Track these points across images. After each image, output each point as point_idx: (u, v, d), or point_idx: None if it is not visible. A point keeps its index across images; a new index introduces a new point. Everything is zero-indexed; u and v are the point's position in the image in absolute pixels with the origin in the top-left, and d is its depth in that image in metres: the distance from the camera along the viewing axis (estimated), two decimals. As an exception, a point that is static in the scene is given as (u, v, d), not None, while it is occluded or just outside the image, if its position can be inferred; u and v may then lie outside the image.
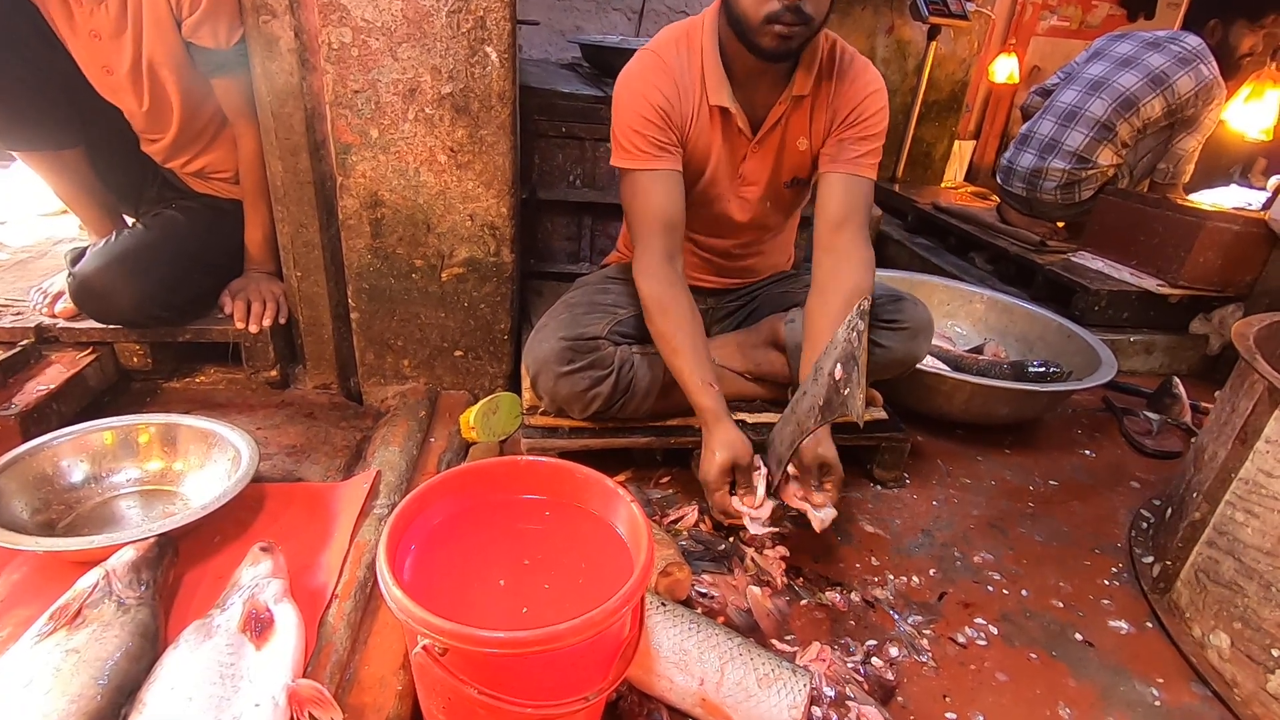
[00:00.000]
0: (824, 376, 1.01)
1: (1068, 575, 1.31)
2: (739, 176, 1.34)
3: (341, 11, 1.21)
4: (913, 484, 1.54)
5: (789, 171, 1.36)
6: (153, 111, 1.39)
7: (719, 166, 1.32)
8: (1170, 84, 2.27)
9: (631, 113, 1.22)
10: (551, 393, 1.30)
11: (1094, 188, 2.47)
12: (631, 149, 1.23)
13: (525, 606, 0.82)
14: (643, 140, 1.22)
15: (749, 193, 1.36)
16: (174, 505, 1.14)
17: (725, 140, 1.30)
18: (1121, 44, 2.47)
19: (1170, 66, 2.28)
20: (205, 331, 1.47)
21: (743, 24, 1.14)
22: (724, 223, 1.41)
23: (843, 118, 1.29)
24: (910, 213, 3.11)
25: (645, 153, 1.22)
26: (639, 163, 1.22)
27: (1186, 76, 2.25)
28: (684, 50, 1.25)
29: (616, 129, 1.25)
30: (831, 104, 1.29)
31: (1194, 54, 2.27)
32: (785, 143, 1.32)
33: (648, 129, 1.22)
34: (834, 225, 1.29)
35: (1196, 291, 2.19)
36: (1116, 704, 1.05)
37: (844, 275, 1.26)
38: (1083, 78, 2.49)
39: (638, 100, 1.22)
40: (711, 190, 1.35)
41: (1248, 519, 1.08)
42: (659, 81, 1.23)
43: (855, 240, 1.29)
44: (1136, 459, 1.76)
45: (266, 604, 0.86)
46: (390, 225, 1.39)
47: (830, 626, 1.14)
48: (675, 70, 1.24)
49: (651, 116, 1.22)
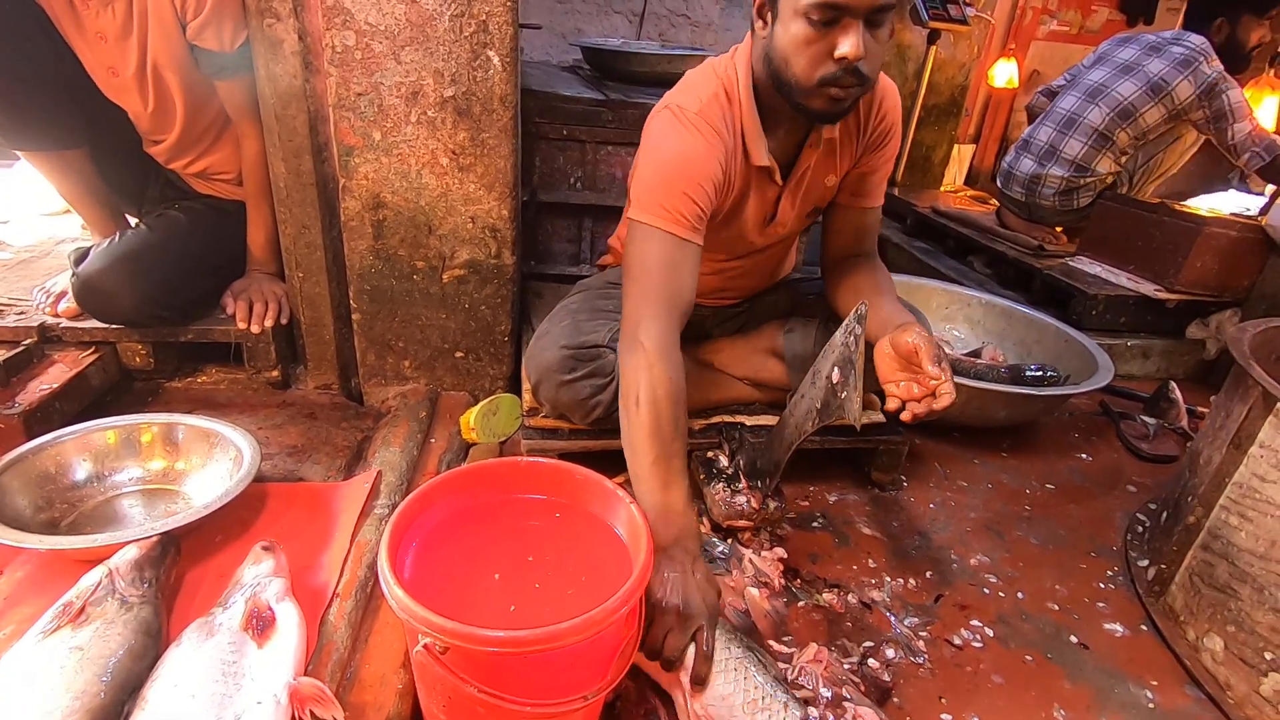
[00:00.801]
0: (821, 379, 1.02)
1: (1064, 578, 1.32)
2: (770, 219, 1.30)
3: (345, 15, 1.22)
4: (910, 487, 1.54)
5: (812, 204, 1.33)
6: (157, 113, 1.39)
7: (751, 214, 1.28)
8: (1169, 91, 2.26)
9: (679, 179, 1.11)
10: (553, 400, 1.30)
11: (1092, 195, 2.48)
12: (676, 215, 1.10)
13: (525, 606, 0.83)
14: (691, 210, 1.11)
15: (776, 232, 1.33)
16: (176, 504, 1.15)
17: (758, 191, 1.25)
18: (1125, 49, 2.46)
19: (1169, 72, 2.27)
20: (207, 332, 1.48)
21: (793, 87, 1.06)
22: (737, 247, 1.37)
23: (869, 151, 1.27)
24: (909, 216, 3.12)
25: (687, 223, 1.11)
26: (677, 229, 1.10)
27: (1185, 81, 2.24)
28: (726, 113, 1.16)
29: (654, 185, 1.12)
30: (864, 141, 1.25)
31: (1195, 54, 2.25)
32: (812, 181, 1.28)
33: (702, 200, 1.12)
34: (848, 246, 1.35)
35: (1193, 296, 2.19)
36: (1111, 706, 1.06)
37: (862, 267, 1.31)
38: (1084, 83, 2.49)
39: (688, 169, 1.12)
40: (736, 230, 1.30)
41: (1241, 523, 1.09)
42: (715, 155, 1.13)
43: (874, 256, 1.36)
44: (1133, 463, 1.77)
45: (268, 602, 0.87)
46: (392, 227, 1.40)
47: (827, 628, 1.15)
48: (722, 133, 1.14)
49: (708, 189, 1.12)
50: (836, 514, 1.42)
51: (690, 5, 3.35)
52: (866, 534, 1.38)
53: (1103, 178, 2.44)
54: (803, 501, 1.45)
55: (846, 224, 1.34)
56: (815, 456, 1.48)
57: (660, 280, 1.10)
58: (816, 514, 1.42)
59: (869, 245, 1.35)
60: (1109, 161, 2.42)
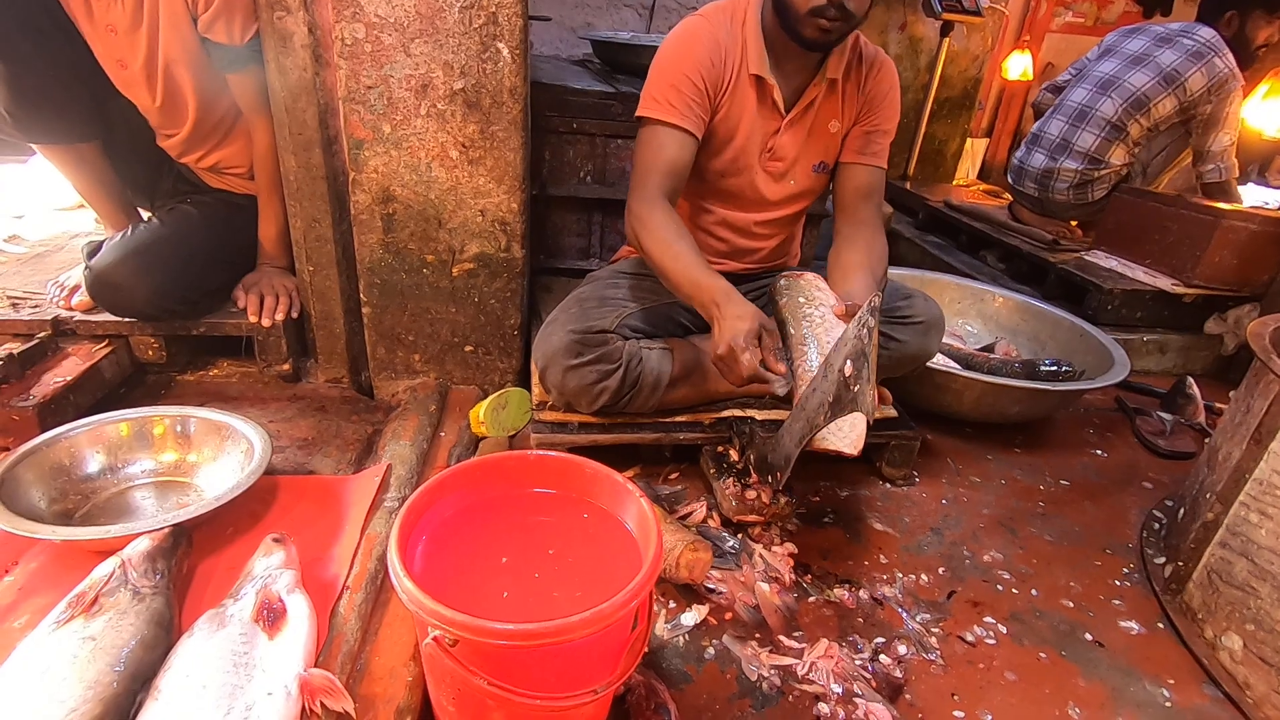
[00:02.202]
0: (834, 373, 1.01)
1: (1078, 575, 1.31)
2: (769, 150, 1.37)
3: (355, 7, 1.22)
4: (922, 482, 1.53)
5: (818, 154, 1.40)
6: (167, 106, 1.40)
7: (750, 137, 1.35)
8: (1181, 82, 2.24)
9: (672, 68, 1.26)
10: (560, 386, 1.30)
11: (1107, 187, 2.45)
12: (663, 101, 1.26)
13: (534, 599, 0.83)
14: (676, 96, 1.25)
15: (776, 168, 1.39)
16: (188, 496, 1.15)
17: (760, 112, 1.34)
18: (1133, 40, 2.44)
19: (1182, 63, 2.24)
20: (219, 325, 1.49)
21: (788, 12, 1.20)
22: (748, 196, 1.42)
23: (868, 109, 1.37)
24: (922, 211, 3.09)
25: (674, 108, 1.26)
26: (665, 115, 1.26)
27: (1199, 73, 2.22)
28: (729, 19, 1.30)
29: (652, 82, 1.28)
30: (862, 92, 1.36)
31: (1207, 47, 2.23)
32: (817, 124, 1.37)
33: (684, 86, 1.25)
34: (860, 197, 1.40)
35: (1211, 291, 2.16)
36: (1127, 704, 1.05)
37: (871, 237, 1.37)
38: (1093, 75, 2.46)
39: (681, 59, 1.27)
40: (741, 160, 1.37)
41: (1262, 520, 1.07)
42: (704, 44, 1.27)
43: (875, 214, 1.41)
44: (1149, 459, 1.75)
45: (279, 594, 0.87)
46: (402, 220, 1.40)
47: (838, 624, 1.14)
48: (720, 35, 1.29)
49: (691, 75, 1.26)
50: (848, 509, 1.41)
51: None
52: (878, 529, 1.37)
53: (1117, 169, 2.41)
54: (814, 497, 1.44)
55: (851, 180, 1.40)
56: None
57: (650, 159, 1.27)
58: (828, 509, 1.41)
59: (871, 212, 1.40)
60: (1122, 152, 2.39)
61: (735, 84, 1.30)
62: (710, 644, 1.07)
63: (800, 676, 1.03)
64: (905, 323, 1.36)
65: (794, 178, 1.41)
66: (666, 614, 1.12)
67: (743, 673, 1.03)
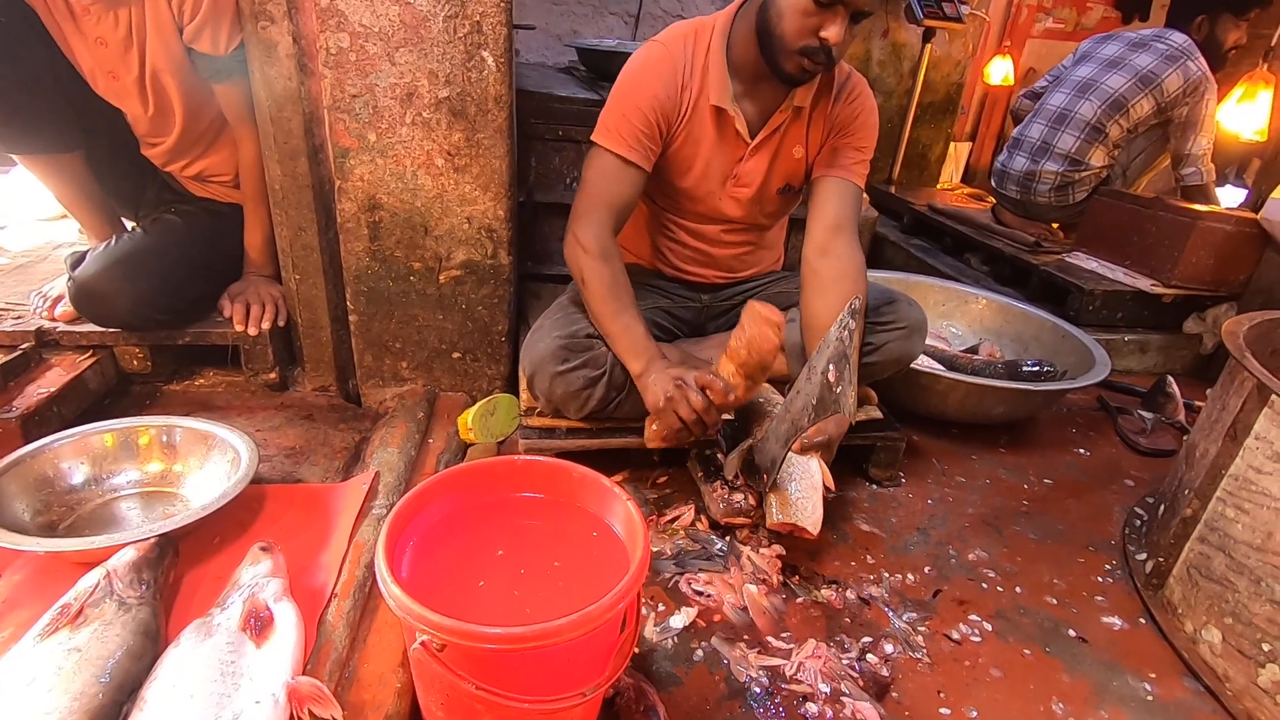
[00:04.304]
0: (817, 375, 1.02)
1: (1062, 572, 1.33)
2: (733, 177, 1.37)
3: (339, 17, 1.22)
4: (908, 483, 1.55)
5: (782, 178, 1.39)
6: (157, 116, 1.40)
7: (710, 164, 1.35)
8: (1159, 83, 2.29)
9: (625, 100, 1.27)
10: (547, 392, 1.31)
11: (1088, 189, 2.50)
12: (614, 131, 1.27)
13: (523, 603, 0.83)
14: (626, 128, 1.26)
15: (741, 193, 1.39)
16: (174, 506, 1.15)
17: (719, 140, 1.33)
18: (1108, 45, 2.50)
19: (1157, 65, 2.30)
20: (205, 334, 1.48)
21: (775, 43, 1.17)
22: (714, 215, 1.44)
23: (840, 129, 1.35)
24: (906, 214, 3.12)
25: (623, 139, 1.27)
26: (614, 146, 1.27)
27: (1174, 74, 2.27)
28: (690, 46, 1.29)
29: (607, 109, 1.29)
30: (830, 118, 1.34)
31: (1180, 51, 2.29)
32: (781, 150, 1.36)
33: (635, 118, 1.26)
34: (831, 228, 1.34)
35: (1190, 291, 2.20)
36: (1109, 699, 1.06)
37: (844, 275, 1.30)
38: (1071, 80, 2.52)
39: (634, 91, 1.27)
40: (703, 185, 1.38)
41: (1238, 515, 1.09)
42: (657, 77, 1.27)
43: (851, 243, 1.34)
44: (1130, 457, 1.78)
45: (266, 603, 0.87)
46: (388, 228, 1.40)
47: (826, 624, 1.15)
48: (678, 63, 1.28)
49: (643, 107, 1.26)
50: (835, 511, 1.42)
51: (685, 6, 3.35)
52: (865, 530, 1.38)
53: (1097, 171, 2.46)
54: (801, 498, 1.45)
55: (826, 199, 1.35)
56: (813, 453, 1.48)
57: (596, 189, 1.29)
58: (815, 511, 1.42)
59: (845, 244, 1.32)
60: (1102, 154, 2.44)
61: (692, 114, 1.30)
62: (699, 646, 1.08)
63: (788, 677, 1.04)
64: (888, 327, 1.37)
65: (759, 200, 1.41)
66: (656, 616, 1.13)
67: (731, 674, 1.04)
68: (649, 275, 1.55)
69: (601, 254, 1.26)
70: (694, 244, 1.48)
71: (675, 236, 1.49)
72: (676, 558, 1.25)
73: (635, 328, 1.25)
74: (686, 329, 1.58)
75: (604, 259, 1.26)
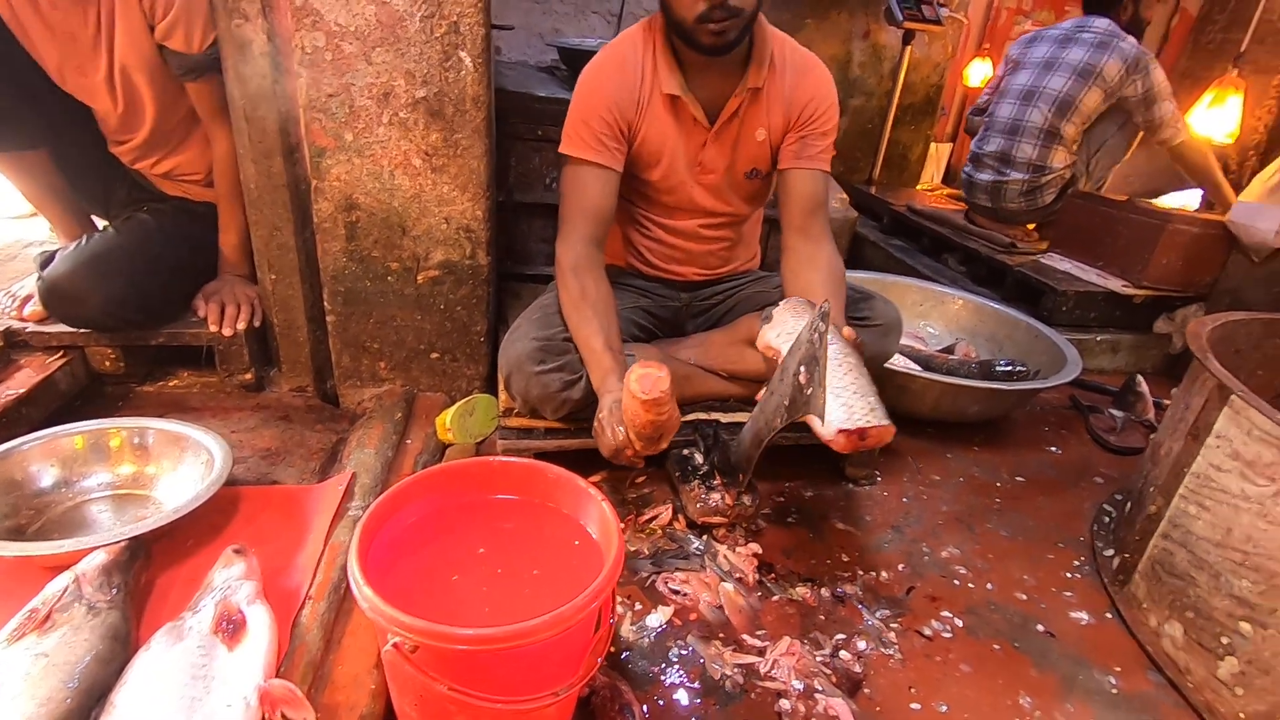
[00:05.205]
0: (789, 377, 1.03)
1: (1032, 568, 1.35)
2: (698, 164, 1.40)
3: (315, 16, 1.22)
4: (884, 481, 1.57)
5: (747, 162, 1.42)
6: (127, 113, 1.38)
7: (676, 154, 1.37)
8: (1098, 72, 2.36)
9: (583, 107, 1.30)
10: (524, 393, 1.31)
11: (1055, 190, 2.57)
12: (577, 139, 1.31)
13: (497, 604, 0.84)
14: (588, 133, 1.30)
15: (708, 180, 1.42)
16: (146, 509, 1.14)
17: (680, 128, 1.36)
18: (1036, 47, 2.57)
19: (1091, 55, 2.37)
20: (178, 335, 1.47)
21: (679, 25, 1.22)
22: (687, 206, 1.46)
23: (800, 113, 1.37)
24: (886, 215, 3.15)
25: (588, 144, 1.30)
26: (581, 152, 1.30)
27: (1111, 60, 2.34)
28: (639, 43, 1.33)
29: (568, 119, 1.32)
30: (786, 97, 1.36)
31: (1107, 35, 2.37)
32: (743, 133, 1.38)
33: (594, 122, 1.29)
34: (808, 211, 1.39)
35: (1159, 292, 2.25)
36: (1076, 693, 1.09)
37: (821, 251, 1.37)
38: (1014, 90, 2.59)
39: (590, 96, 1.31)
40: (672, 178, 1.40)
41: (1199, 512, 1.12)
42: (611, 78, 1.31)
43: (826, 229, 1.40)
44: (1101, 455, 1.81)
45: (239, 605, 0.86)
46: (365, 228, 1.40)
47: (800, 621, 1.16)
48: (629, 63, 1.32)
49: (600, 111, 1.29)
50: (811, 509, 1.44)
51: (668, 5, 3.36)
52: (840, 528, 1.40)
53: (1060, 172, 2.53)
54: (778, 497, 1.47)
55: (794, 189, 1.39)
56: (789, 452, 1.49)
57: (571, 199, 1.32)
58: (791, 509, 1.43)
59: (821, 226, 1.39)
60: (1063, 155, 2.51)
61: (649, 107, 1.32)
62: (675, 644, 1.09)
63: (763, 674, 1.05)
64: (864, 325, 1.39)
65: (729, 186, 1.44)
66: (632, 616, 1.14)
67: (706, 672, 1.05)
68: (628, 275, 1.56)
69: (574, 268, 1.29)
70: (671, 240, 1.49)
71: (653, 234, 1.50)
72: (654, 557, 1.26)
73: (592, 341, 1.24)
74: (666, 328, 1.59)
75: (575, 272, 1.29)
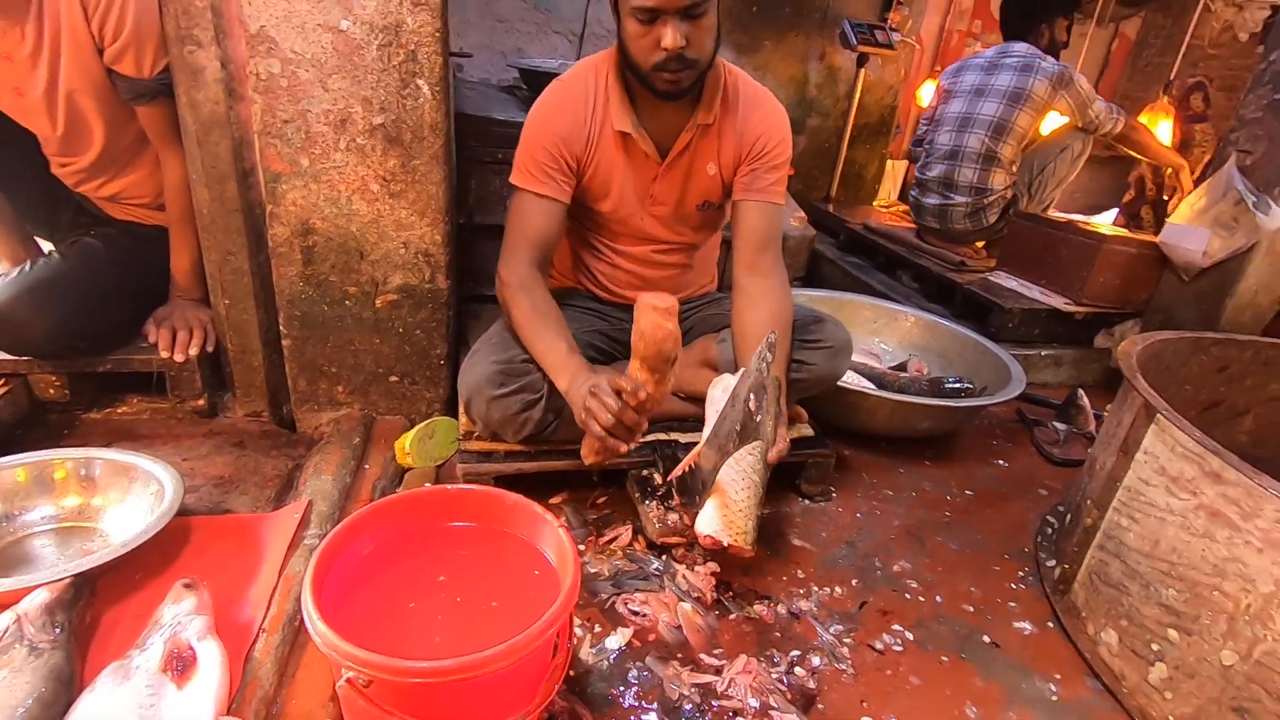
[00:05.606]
0: (740, 403, 1.07)
1: (979, 580, 1.40)
2: (649, 196, 1.42)
3: (270, 43, 1.22)
4: (839, 497, 1.61)
5: (698, 195, 1.45)
6: (69, 136, 1.35)
7: (626, 187, 1.40)
8: (1027, 94, 2.53)
9: (532, 140, 1.33)
10: (485, 417, 1.32)
11: (997, 210, 2.71)
12: (525, 171, 1.34)
13: (453, 633, 0.84)
14: (537, 166, 1.32)
15: (659, 211, 1.45)
16: (92, 543, 1.11)
17: (631, 163, 1.38)
18: (964, 76, 2.73)
19: (1018, 80, 2.54)
20: (127, 361, 1.44)
21: (637, 70, 1.25)
22: (639, 235, 1.48)
23: (750, 148, 1.39)
24: (842, 232, 3.24)
25: (535, 177, 1.33)
26: (529, 184, 1.33)
27: (1037, 81, 2.51)
28: (591, 79, 1.35)
29: (519, 151, 1.35)
30: (738, 131, 1.39)
31: (1030, 56, 2.55)
32: (694, 167, 1.41)
33: (542, 156, 1.32)
34: (758, 248, 1.41)
35: (1098, 309, 2.35)
36: (1018, 701, 1.13)
37: (771, 291, 1.39)
38: (949, 118, 2.74)
39: (539, 129, 1.33)
40: (622, 210, 1.43)
41: (1130, 524, 1.18)
42: (560, 114, 1.33)
43: (777, 261, 1.42)
44: (1045, 467, 1.88)
45: (189, 642, 0.85)
46: (322, 253, 1.39)
47: (757, 639, 1.18)
48: (580, 98, 1.34)
49: (547, 144, 1.32)
50: (769, 526, 1.47)
51: (629, 26, 3.41)
52: (796, 545, 1.43)
53: (1001, 193, 2.68)
54: (736, 515, 1.49)
55: (745, 222, 1.41)
56: (747, 471, 1.53)
57: (517, 227, 1.35)
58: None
59: (771, 261, 1.41)
60: (1002, 176, 2.66)
61: (600, 141, 1.35)
62: (634, 666, 1.10)
63: (719, 693, 1.07)
64: (815, 347, 1.43)
65: (680, 218, 1.47)
66: (592, 638, 1.15)
67: (665, 693, 1.06)
68: (585, 299, 1.58)
69: (520, 284, 1.31)
70: (627, 267, 1.52)
71: (609, 260, 1.52)
72: (614, 578, 1.27)
73: (558, 345, 1.27)
74: (624, 350, 1.60)
75: (523, 289, 1.31)
